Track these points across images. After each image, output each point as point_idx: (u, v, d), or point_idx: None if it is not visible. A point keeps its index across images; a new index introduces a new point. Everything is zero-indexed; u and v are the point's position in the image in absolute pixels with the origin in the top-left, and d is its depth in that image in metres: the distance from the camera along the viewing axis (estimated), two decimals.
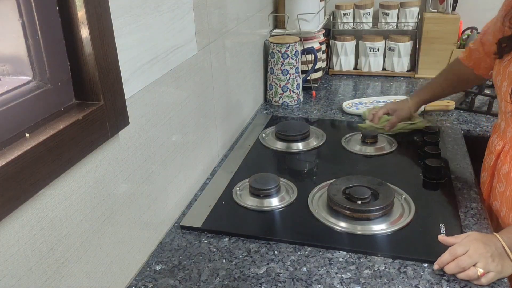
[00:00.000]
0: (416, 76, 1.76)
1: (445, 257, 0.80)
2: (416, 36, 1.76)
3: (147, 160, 0.86)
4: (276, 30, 1.65)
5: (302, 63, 1.59)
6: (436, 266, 0.81)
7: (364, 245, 0.87)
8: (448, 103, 1.45)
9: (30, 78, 0.62)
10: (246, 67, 1.41)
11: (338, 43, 1.80)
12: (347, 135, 1.30)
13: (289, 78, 1.52)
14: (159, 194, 0.91)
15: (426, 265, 0.82)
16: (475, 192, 1.02)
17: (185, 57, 0.97)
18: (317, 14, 1.60)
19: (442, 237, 0.85)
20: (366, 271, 0.81)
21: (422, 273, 0.80)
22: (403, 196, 0.99)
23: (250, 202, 1.01)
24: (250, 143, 1.28)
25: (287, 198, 1.02)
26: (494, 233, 0.83)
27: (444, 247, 0.82)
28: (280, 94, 1.55)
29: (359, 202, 0.94)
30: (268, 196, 1.01)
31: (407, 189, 1.02)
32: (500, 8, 1.04)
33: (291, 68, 1.51)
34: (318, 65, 1.64)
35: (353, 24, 1.83)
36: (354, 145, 1.24)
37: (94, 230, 0.71)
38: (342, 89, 1.71)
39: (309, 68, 1.60)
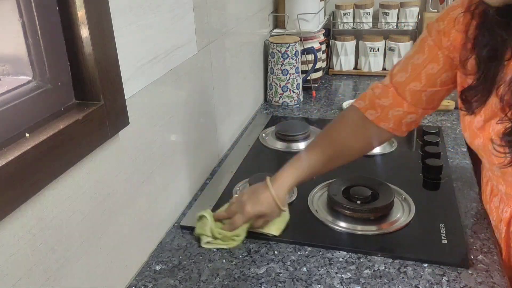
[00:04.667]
0: None
1: None
2: (416, 36, 1.76)
3: (147, 160, 0.86)
4: (276, 30, 1.65)
5: (302, 63, 1.59)
6: None
7: (364, 245, 0.87)
8: (448, 103, 1.45)
9: (30, 78, 0.62)
10: (246, 67, 1.41)
11: (338, 43, 1.80)
12: None
13: (289, 78, 1.52)
14: (159, 194, 0.91)
15: (426, 265, 0.82)
16: (475, 192, 1.02)
17: (185, 57, 0.97)
18: (317, 14, 1.60)
19: None
20: (366, 271, 0.81)
21: (422, 273, 0.80)
22: (403, 196, 0.99)
23: None
24: (250, 143, 1.28)
25: (287, 198, 1.01)
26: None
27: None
28: (280, 94, 1.55)
29: (359, 202, 0.94)
30: None
31: (407, 189, 1.02)
32: (424, 43, 0.81)
33: (291, 68, 1.51)
34: (318, 65, 1.63)
35: (353, 24, 1.83)
36: None
37: (94, 230, 0.71)
38: (342, 89, 1.71)
39: (309, 68, 1.60)
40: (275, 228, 0.90)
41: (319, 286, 0.79)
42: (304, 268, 0.83)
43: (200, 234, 0.90)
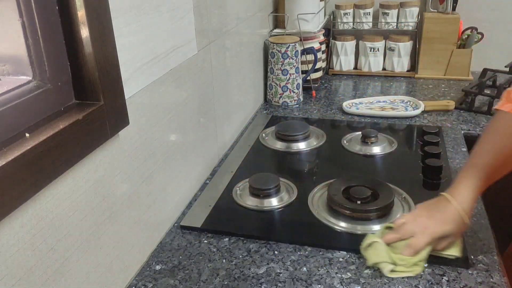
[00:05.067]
0: (416, 76, 1.76)
1: None
2: (416, 36, 1.76)
3: (147, 160, 0.86)
4: (276, 30, 1.65)
5: (302, 63, 1.59)
6: None
7: None
8: (448, 103, 1.45)
9: (30, 78, 0.62)
10: (246, 67, 1.41)
11: (338, 43, 1.80)
12: (347, 135, 1.30)
13: (289, 78, 1.52)
14: (159, 194, 0.91)
15: (426, 265, 0.82)
16: None
17: (185, 57, 0.97)
18: (317, 14, 1.60)
19: None
20: (366, 271, 0.81)
21: (422, 273, 0.80)
22: (403, 196, 0.99)
23: (250, 202, 1.01)
24: (250, 143, 1.28)
25: (287, 198, 1.02)
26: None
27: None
28: (280, 94, 1.55)
29: (359, 202, 0.94)
30: (268, 196, 1.01)
31: (407, 189, 1.02)
32: None
33: (291, 68, 1.51)
34: (318, 65, 1.64)
35: (353, 24, 1.83)
36: (354, 145, 1.24)
37: (94, 230, 0.71)
38: (342, 89, 1.71)
39: (309, 68, 1.60)
40: (456, 249, 0.81)
41: (319, 286, 0.79)
42: (304, 268, 0.83)
43: (379, 263, 0.80)
